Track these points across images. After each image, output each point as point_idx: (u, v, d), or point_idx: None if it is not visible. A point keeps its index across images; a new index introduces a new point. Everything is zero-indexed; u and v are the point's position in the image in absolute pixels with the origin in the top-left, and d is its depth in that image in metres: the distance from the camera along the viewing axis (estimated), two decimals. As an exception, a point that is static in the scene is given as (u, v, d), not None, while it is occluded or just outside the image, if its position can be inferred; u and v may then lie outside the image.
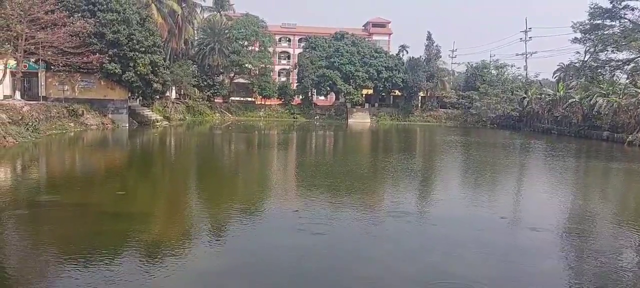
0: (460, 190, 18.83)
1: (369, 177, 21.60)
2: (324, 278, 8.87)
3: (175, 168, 24.58)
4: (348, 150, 35.43)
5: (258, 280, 8.58)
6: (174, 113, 56.79)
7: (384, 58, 74.76)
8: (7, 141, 25.87)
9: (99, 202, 14.37)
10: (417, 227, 12.65)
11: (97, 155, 27.60)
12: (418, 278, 9.01)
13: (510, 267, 9.74)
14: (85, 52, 38.87)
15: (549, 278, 9.25)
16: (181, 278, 8.55)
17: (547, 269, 9.63)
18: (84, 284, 8.00)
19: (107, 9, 41.31)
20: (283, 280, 8.57)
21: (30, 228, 11.59)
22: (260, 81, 70.68)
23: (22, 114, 31.02)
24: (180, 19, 61.91)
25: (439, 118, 76.02)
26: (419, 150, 36.43)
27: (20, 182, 18.04)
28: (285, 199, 15.85)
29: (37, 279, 8.45)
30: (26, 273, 8.71)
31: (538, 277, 9.25)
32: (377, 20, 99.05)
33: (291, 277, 8.77)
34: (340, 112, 75.55)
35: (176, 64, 59.29)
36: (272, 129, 52.99)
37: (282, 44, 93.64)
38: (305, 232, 11.45)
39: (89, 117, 40.82)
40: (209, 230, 11.79)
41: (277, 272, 9.02)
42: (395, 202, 15.80)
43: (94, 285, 7.96)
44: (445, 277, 8.94)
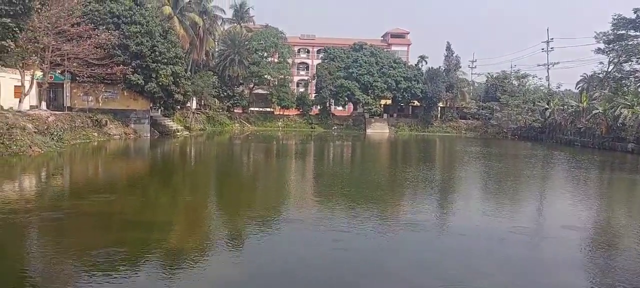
0: (480, 201, 18.67)
1: (388, 187, 21.56)
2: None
3: (196, 177, 24.90)
4: (366, 161, 35.40)
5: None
6: (195, 123, 57.56)
7: (403, 68, 74.70)
8: (33, 150, 26.52)
9: (121, 211, 14.64)
10: (436, 238, 12.61)
11: (120, 164, 28.12)
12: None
13: (529, 281, 9.64)
14: (110, 64, 39.68)
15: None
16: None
17: (568, 284, 9.51)
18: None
19: (131, 21, 42.18)
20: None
21: (54, 235, 11.88)
22: (278, 92, 71.24)
23: (48, 124, 31.77)
24: (202, 31, 62.95)
25: (458, 129, 75.46)
26: (438, 160, 36.22)
27: (45, 190, 18.48)
28: (304, 209, 15.93)
29: (60, 286, 8.67)
30: (49, 280, 8.95)
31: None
32: (395, 31, 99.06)
33: (308, 287, 8.83)
34: (359, 122, 75.58)
35: (197, 75, 60.14)
36: (290, 139, 53.27)
37: (300, 55, 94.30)
38: (323, 243, 11.51)
39: (112, 127, 41.60)
40: (228, 239, 11.93)
41: (295, 282, 9.08)
42: (414, 213, 15.74)
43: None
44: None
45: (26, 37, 30.81)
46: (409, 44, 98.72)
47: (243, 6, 73.64)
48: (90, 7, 40.79)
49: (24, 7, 25.68)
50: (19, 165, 23.46)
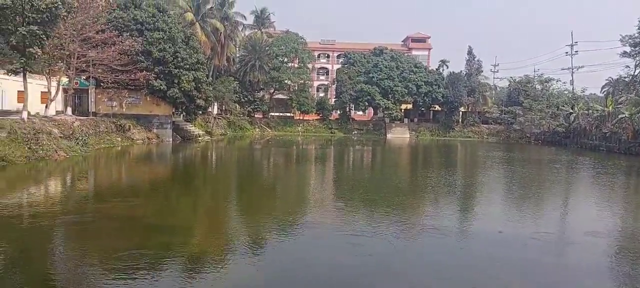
0: (503, 207, 18.40)
1: (409, 192, 21.42)
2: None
3: (217, 182, 25.12)
4: (387, 166, 35.23)
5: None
6: (216, 128, 58.14)
7: (424, 73, 74.30)
8: (59, 155, 27.10)
9: (144, 214, 14.86)
10: (457, 243, 12.47)
11: (143, 168, 28.56)
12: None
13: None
14: (133, 70, 40.39)
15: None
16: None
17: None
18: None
19: (154, 28, 42.88)
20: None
21: (79, 238, 12.12)
22: (299, 97, 71.54)
23: (73, 129, 32.43)
24: (223, 37, 63.66)
25: (480, 133, 74.64)
26: (460, 165, 35.83)
27: (70, 194, 18.87)
28: (324, 214, 15.93)
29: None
30: (74, 282, 9.12)
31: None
32: (416, 36, 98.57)
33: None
34: (379, 127, 75.34)
35: (218, 81, 60.76)
36: (310, 144, 53.36)
37: (320, 60, 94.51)
38: (343, 247, 11.49)
39: (135, 132, 42.27)
40: (248, 243, 12.00)
41: (314, 286, 9.09)
42: (435, 218, 15.60)
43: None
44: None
45: (53, 44, 31.53)
46: (429, 48, 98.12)
47: (264, 12, 74.25)
48: (114, 14, 41.64)
49: (50, 15, 26.30)
50: (45, 169, 24.00)
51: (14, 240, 11.69)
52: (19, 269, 9.67)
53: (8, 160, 22.98)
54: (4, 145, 23.78)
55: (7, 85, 38.47)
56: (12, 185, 20.02)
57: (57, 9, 26.28)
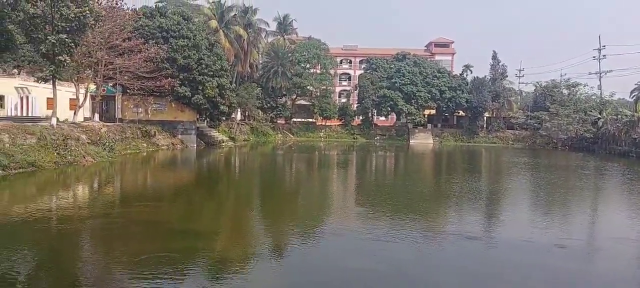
0: (529, 213, 18.07)
1: (432, 198, 21.20)
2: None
3: (240, 187, 25.32)
4: (410, 171, 34.96)
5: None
6: (239, 134, 58.64)
7: (447, 78, 73.65)
8: (87, 160, 27.70)
9: (169, 219, 15.05)
10: (483, 250, 12.29)
11: (168, 174, 28.97)
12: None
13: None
14: (158, 77, 41.04)
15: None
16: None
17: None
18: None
19: (178, 35, 43.55)
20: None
21: (105, 241, 12.35)
22: (321, 102, 71.68)
23: (100, 135, 33.12)
24: (246, 44, 64.30)
25: (505, 139, 73.51)
26: (485, 171, 35.33)
27: (97, 198, 19.25)
28: (346, 220, 15.89)
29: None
30: (100, 284, 9.29)
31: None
32: (439, 40, 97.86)
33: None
34: (402, 132, 74.90)
35: (242, 87, 61.32)
36: (332, 150, 53.34)
37: (342, 65, 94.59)
38: (366, 254, 11.44)
39: (160, 138, 42.92)
40: (271, 248, 12.05)
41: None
42: (460, 225, 15.39)
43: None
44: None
45: (81, 52, 32.27)
46: (453, 53, 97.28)
47: (286, 19, 74.73)
48: (140, 22, 42.44)
49: (79, 24, 26.96)
50: (73, 174, 24.54)
51: (44, 242, 11.99)
52: (48, 271, 9.90)
53: (38, 166, 23.56)
54: (34, 151, 24.39)
55: (37, 93, 39.53)
56: (41, 189, 20.54)
57: (86, 18, 26.91)
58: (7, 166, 21.71)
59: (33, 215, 14.83)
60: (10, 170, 21.76)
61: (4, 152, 22.23)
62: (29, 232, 12.84)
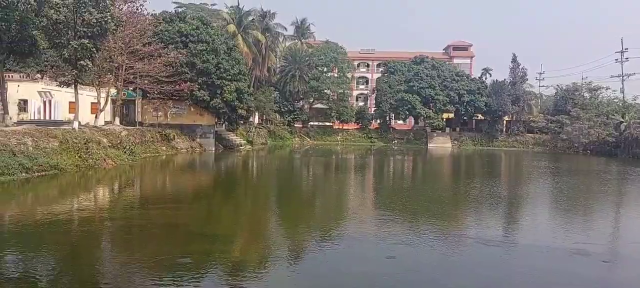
0: (550, 217, 17.78)
1: (451, 203, 20.98)
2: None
3: (258, 191, 25.42)
4: (429, 176, 34.71)
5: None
6: (257, 137, 58.93)
7: (466, 81, 73.05)
8: (107, 163, 28.10)
9: (187, 222, 15.17)
10: (502, 255, 12.12)
11: (187, 177, 29.24)
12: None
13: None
14: (178, 81, 41.51)
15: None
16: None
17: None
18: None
19: (197, 40, 44.01)
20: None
21: (125, 243, 12.51)
22: (338, 106, 71.69)
23: (121, 138, 33.59)
24: (264, 48, 64.71)
25: (525, 143, 72.59)
26: (505, 176, 34.88)
27: (117, 201, 19.52)
28: (364, 224, 15.82)
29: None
30: (119, 286, 9.40)
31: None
32: (458, 43, 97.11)
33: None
34: (420, 136, 74.44)
35: (259, 91, 61.68)
36: (349, 153, 53.26)
37: (360, 69, 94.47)
38: (384, 258, 11.37)
39: (179, 141, 43.37)
40: (288, 252, 12.05)
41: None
42: (480, 229, 15.20)
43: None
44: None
45: (102, 57, 32.82)
46: (472, 56, 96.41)
47: (304, 23, 74.99)
48: (160, 27, 43.00)
49: (100, 29, 27.45)
50: (94, 177, 24.92)
51: (65, 244, 12.17)
52: (69, 272, 10.05)
53: (60, 169, 23.96)
54: (57, 154, 24.82)
55: (60, 97, 40.32)
56: (63, 192, 20.90)
57: (107, 23, 27.38)
58: (30, 169, 22.12)
59: (55, 217, 15.09)
60: (33, 173, 22.17)
61: (27, 155, 22.67)
62: (51, 234, 13.06)
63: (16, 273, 9.81)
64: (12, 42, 25.58)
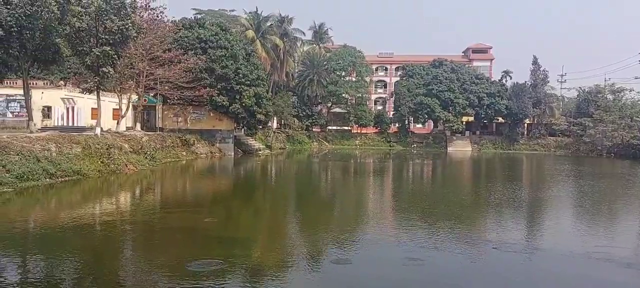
0: (573, 224, 17.43)
1: (472, 207, 20.72)
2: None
3: (278, 195, 25.48)
4: (449, 180, 34.37)
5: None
6: (275, 142, 59.15)
7: (486, 84, 72.32)
8: (129, 168, 28.48)
9: (207, 227, 15.25)
10: (524, 260, 11.91)
11: (207, 182, 29.46)
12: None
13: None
14: (197, 86, 41.91)
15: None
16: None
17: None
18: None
19: (216, 46, 44.40)
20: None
21: (146, 247, 12.64)
22: (356, 110, 71.55)
23: (142, 144, 34.01)
24: (282, 53, 64.99)
25: (547, 146, 71.49)
26: (527, 179, 34.33)
27: (139, 205, 19.74)
28: (384, 229, 15.72)
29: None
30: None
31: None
32: (477, 46, 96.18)
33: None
34: (439, 140, 73.86)
35: (278, 96, 61.93)
36: (368, 158, 53.06)
37: (378, 72, 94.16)
38: (403, 263, 11.26)
39: (199, 146, 43.75)
40: (308, 257, 12.03)
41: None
42: (500, 234, 14.94)
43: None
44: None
45: (123, 63, 33.29)
46: (491, 58, 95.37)
47: (322, 27, 75.13)
48: (180, 33, 43.51)
49: (122, 36, 27.88)
50: (116, 182, 25.27)
51: (88, 248, 12.35)
52: (92, 276, 10.18)
53: (83, 174, 24.34)
54: (79, 159, 25.24)
55: (82, 103, 41.00)
56: (86, 197, 21.23)
57: (128, 30, 27.79)
58: (54, 174, 22.52)
59: (78, 221, 15.34)
60: (57, 178, 22.56)
61: (51, 160, 23.09)
62: (74, 238, 13.27)
63: (41, 275, 9.98)
64: (36, 50, 26.11)
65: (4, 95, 39.60)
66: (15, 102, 39.60)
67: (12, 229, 14.28)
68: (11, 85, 37.74)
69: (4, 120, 38.76)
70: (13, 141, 22.43)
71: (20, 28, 22.56)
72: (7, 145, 21.51)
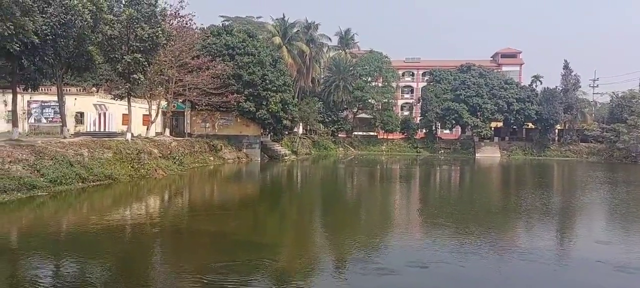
0: (605, 233, 16.89)
1: (501, 214, 20.31)
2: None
3: (304, 200, 25.51)
4: (478, 186, 33.81)
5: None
6: (301, 147, 59.32)
7: (515, 89, 71.05)
8: (158, 173, 28.95)
9: (234, 231, 15.36)
10: (551, 270, 11.59)
11: (234, 186, 29.72)
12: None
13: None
14: (225, 93, 42.41)
15: None
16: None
17: None
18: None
19: (244, 52, 44.89)
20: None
21: (174, 251, 12.80)
22: (382, 116, 71.17)
23: (171, 149, 34.55)
24: (308, 59, 65.27)
25: (579, 152, 69.70)
26: (558, 187, 33.49)
27: (168, 210, 20.04)
28: (410, 234, 15.55)
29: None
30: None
31: None
32: (506, 51, 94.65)
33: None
34: (467, 146, 72.83)
35: (304, 101, 62.14)
36: (394, 163, 52.67)
37: (405, 78, 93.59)
38: (430, 270, 11.11)
39: (226, 152, 44.20)
40: (334, 264, 11.98)
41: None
42: (529, 242, 14.59)
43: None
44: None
45: (153, 70, 33.92)
46: (521, 63, 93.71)
47: (348, 33, 75.22)
48: (208, 40, 44.16)
49: (152, 43, 28.44)
50: (146, 186, 25.71)
51: (118, 251, 12.59)
52: (122, 276, 10.35)
53: (114, 178, 24.86)
54: (111, 164, 25.79)
55: (113, 109, 41.90)
56: (117, 201, 21.66)
57: (158, 37, 28.34)
58: (86, 179, 23.06)
59: (109, 225, 15.65)
60: (89, 183, 23.09)
61: (83, 165, 23.65)
62: (105, 240, 13.54)
63: (74, 276, 10.20)
64: (70, 58, 26.82)
65: (39, 102, 40.82)
66: (49, 108, 40.76)
67: (46, 232, 14.68)
68: (46, 91, 38.87)
69: (39, 125, 39.93)
70: (48, 146, 23.07)
71: (55, 36, 23.23)
72: (42, 150, 22.15)
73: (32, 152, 21.58)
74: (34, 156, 21.33)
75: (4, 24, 19.78)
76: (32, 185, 19.64)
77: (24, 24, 20.57)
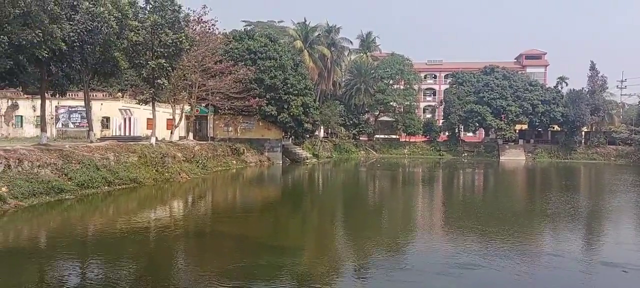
0: (635, 237, 16.44)
1: (526, 218, 19.93)
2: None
3: (325, 203, 25.51)
4: (503, 190, 33.29)
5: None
6: (322, 151, 59.33)
7: (540, 91, 69.80)
8: (181, 176, 29.32)
9: (257, 235, 15.44)
10: (578, 275, 11.35)
11: (256, 190, 29.88)
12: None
13: None
14: (247, 97, 42.75)
15: None
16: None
17: None
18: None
19: (265, 57, 45.19)
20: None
21: (198, 253, 12.93)
22: (404, 118, 70.70)
23: (194, 153, 34.94)
24: (329, 62, 65.31)
25: (607, 155, 68.06)
26: (585, 191, 32.74)
27: (191, 213, 20.27)
28: (433, 238, 15.40)
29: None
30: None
31: None
32: (531, 52, 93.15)
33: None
34: (491, 148, 71.82)
35: (325, 105, 62.18)
36: (417, 167, 52.26)
37: (427, 80, 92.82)
38: (453, 275, 10.97)
39: (249, 155, 44.51)
40: (356, 267, 11.94)
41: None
42: (555, 247, 14.27)
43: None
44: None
45: (177, 75, 34.41)
46: (546, 65, 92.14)
47: (369, 36, 75.01)
48: (230, 45, 44.59)
49: (176, 49, 28.86)
50: (170, 190, 26.05)
51: (144, 252, 12.78)
52: (147, 278, 10.49)
53: (139, 182, 25.25)
54: (136, 168, 26.21)
55: (138, 114, 42.65)
56: (142, 204, 21.99)
57: (182, 43, 28.74)
58: (112, 182, 23.47)
59: (134, 227, 15.89)
60: (115, 186, 23.49)
61: (109, 169, 24.09)
62: (130, 242, 13.76)
63: (100, 277, 10.39)
64: (96, 64, 27.37)
65: (66, 107, 41.80)
66: (76, 113, 41.72)
67: (74, 234, 14.99)
68: (73, 97, 39.77)
69: (66, 130, 40.89)
70: (75, 150, 23.57)
71: (82, 43, 23.74)
72: (69, 155, 22.63)
73: (60, 156, 22.07)
74: (62, 160, 21.80)
75: (33, 32, 20.31)
76: (60, 189, 20.07)
77: (52, 31, 21.09)
